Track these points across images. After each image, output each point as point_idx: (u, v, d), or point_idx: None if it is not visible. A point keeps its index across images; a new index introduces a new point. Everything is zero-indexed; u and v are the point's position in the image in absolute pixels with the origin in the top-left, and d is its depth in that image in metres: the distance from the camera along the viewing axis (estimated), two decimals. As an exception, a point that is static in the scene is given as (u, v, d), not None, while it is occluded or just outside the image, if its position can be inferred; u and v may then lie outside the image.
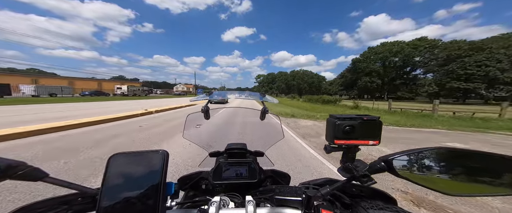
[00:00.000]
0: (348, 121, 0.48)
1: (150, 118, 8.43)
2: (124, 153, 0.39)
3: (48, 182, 0.39)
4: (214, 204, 0.47)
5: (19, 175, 0.37)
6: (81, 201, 0.51)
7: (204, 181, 0.76)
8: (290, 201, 0.53)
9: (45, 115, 8.47)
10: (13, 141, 4.29)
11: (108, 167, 0.37)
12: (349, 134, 0.47)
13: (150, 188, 0.35)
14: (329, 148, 0.52)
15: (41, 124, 5.63)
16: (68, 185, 0.41)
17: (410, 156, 0.39)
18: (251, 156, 0.83)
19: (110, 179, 0.36)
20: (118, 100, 24.54)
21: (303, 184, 0.70)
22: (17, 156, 3.39)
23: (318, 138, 5.54)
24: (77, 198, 0.51)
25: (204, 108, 0.85)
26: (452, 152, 0.38)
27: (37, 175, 0.38)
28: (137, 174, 0.36)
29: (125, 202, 0.34)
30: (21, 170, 0.37)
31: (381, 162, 0.40)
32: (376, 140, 0.48)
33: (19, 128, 4.92)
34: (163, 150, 0.39)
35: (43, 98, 25.11)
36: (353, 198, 0.56)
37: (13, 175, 0.36)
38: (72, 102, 17.19)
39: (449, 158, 0.38)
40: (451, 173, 0.37)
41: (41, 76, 46.67)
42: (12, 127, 5.01)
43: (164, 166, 0.38)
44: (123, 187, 0.35)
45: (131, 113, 8.86)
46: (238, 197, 0.62)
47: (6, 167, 0.35)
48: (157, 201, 0.35)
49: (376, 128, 0.48)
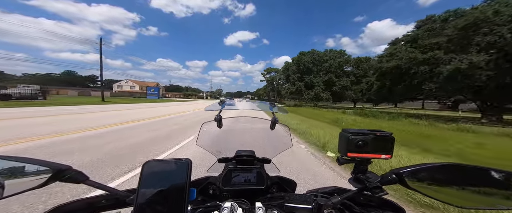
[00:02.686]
0: (361, 136, 0.50)
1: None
2: (155, 160, 0.42)
3: (88, 184, 0.43)
4: (225, 210, 0.49)
5: (67, 178, 0.41)
6: (107, 202, 0.55)
7: (212, 186, 0.78)
8: (300, 209, 0.55)
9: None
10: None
11: (143, 172, 0.40)
12: (361, 148, 0.50)
13: (177, 193, 0.38)
14: (342, 160, 0.55)
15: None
16: (103, 187, 0.45)
17: (420, 170, 0.42)
18: (259, 163, 0.85)
19: (144, 183, 0.39)
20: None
21: (310, 192, 0.71)
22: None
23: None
24: (104, 200, 0.55)
25: (217, 117, 0.89)
26: (461, 167, 0.41)
27: (80, 178, 0.42)
28: (166, 180, 0.40)
29: (156, 205, 0.37)
30: (68, 174, 0.41)
31: (393, 174, 0.43)
32: (388, 154, 0.51)
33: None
34: (187, 159, 0.42)
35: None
36: (363, 207, 0.58)
37: (62, 178, 0.40)
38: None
39: (457, 172, 0.41)
40: (459, 187, 0.40)
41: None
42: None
43: (188, 173, 0.41)
44: (155, 191, 0.38)
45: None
46: (246, 203, 0.63)
47: (57, 171, 0.40)
48: (183, 205, 0.38)
49: (389, 143, 0.51)
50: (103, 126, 7.05)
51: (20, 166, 0.39)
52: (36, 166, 0.40)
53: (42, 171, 0.40)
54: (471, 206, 0.39)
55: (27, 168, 0.39)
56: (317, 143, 5.71)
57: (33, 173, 0.39)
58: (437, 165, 0.41)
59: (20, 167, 0.39)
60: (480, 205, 0.39)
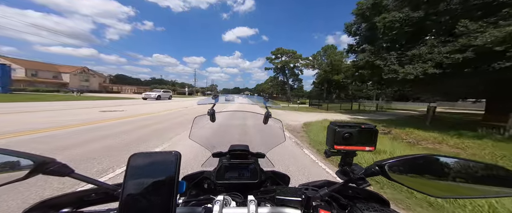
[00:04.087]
0: (347, 128, 0.52)
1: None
2: (142, 153, 0.41)
3: (74, 178, 0.42)
4: (217, 203, 0.49)
5: (50, 170, 0.40)
6: (97, 196, 0.54)
7: (207, 181, 0.78)
8: (290, 201, 0.56)
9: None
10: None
11: (129, 165, 0.39)
12: (347, 140, 0.52)
13: (165, 186, 0.38)
14: (329, 153, 0.56)
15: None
16: (90, 180, 0.44)
17: (402, 162, 0.43)
18: (253, 157, 0.86)
19: (130, 176, 0.38)
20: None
21: (302, 185, 0.73)
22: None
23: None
24: (94, 193, 0.54)
25: (210, 111, 0.89)
26: (440, 158, 0.43)
27: (64, 171, 0.41)
28: (153, 173, 0.39)
29: (143, 198, 0.37)
30: (52, 166, 0.40)
31: (376, 166, 0.45)
32: (372, 146, 0.53)
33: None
34: (176, 151, 0.42)
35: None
36: (350, 200, 0.60)
37: (46, 170, 0.40)
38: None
39: (436, 164, 0.43)
40: (438, 178, 0.42)
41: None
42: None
43: (177, 166, 0.40)
44: (142, 184, 0.38)
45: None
46: (239, 196, 0.64)
47: (40, 163, 0.39)
48: (171, 198, 0.38)
49: (373, 136, 0.53)
50: None
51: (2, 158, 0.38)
52: (18, 158, 0.39)
53: (23, 164, 0.38)
54: (448, 196, 0.42)
55: (8, 160, 0.38)
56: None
57: (14, 166, 0.38)
58: (416, 157, 0.43)
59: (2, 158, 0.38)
60: (457, 195, 0.41)
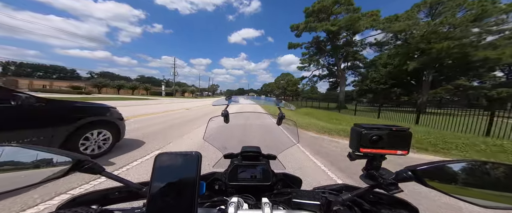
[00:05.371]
0: (375, 131, 0.48)
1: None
2: (166, 153, 0.43)
3: (104, 176, 0.45)
4: (232, 205, 0.49)
5: (85, 168, 0.43)
6: (120, 195, 0.57)
7: (218, 182, 0.78)
8: (308, 205, 0.54)
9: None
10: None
11: (155, 165, 0.41)
12: (376, 143, 0.48)
13: (188, 187, 0.39)
14: (353, 156, 0.53)
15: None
16: (117, 179, 0.47)
17: (441, 167, 0.40)
18: (264, 159, 0.85)
19: (157, 176, 0.40)
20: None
21: (317, 188, 0.71)
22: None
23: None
24: (118, 191, 0.57)
25: (224, 112, 0.90)
26: (490, 164, 0.38)
27: (98, 169, 0.44)
28: (177, 173, 0.40)
29: (168, 198, 0.38)
30: (87, 164, 0.43)
31: (408, 171, 0.41)
32: (404, 150, 0.48)
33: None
34: (197, 152, 0.43)
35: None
36: (373, 205, 0.56)
37: (82, 168, 0.43)
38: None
39: (486, 170, 0.38)
40: (484, 186, 0.37)
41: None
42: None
43: (198, 167, 0.41)
44: (167, 184, 0.39)
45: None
46: (252, 198, 0.63)
47: (77, 161, 0.42)
48: (193, 199, 0.38)
49: (406, 139, 0.49)
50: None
51: (43, 156, 0.42)
52: (58, 156, 0.42)
53: (64, 162, 0.42)
54: (498, 207, 0.37)
55: (51, 158, 0.42)
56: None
57: (56, 163, 0.42)
58: (458, 162, 0.39)
59: (44, 158, 0.41)
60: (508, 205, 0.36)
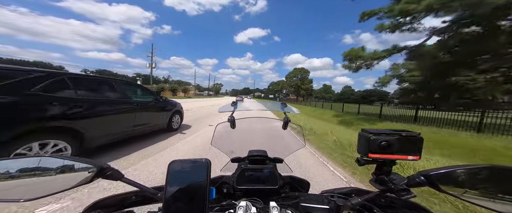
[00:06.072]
0: (384, 136, 0.48)
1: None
2: (179, 160, 0.45)
3: (123, 181, 0.48)
4: (241, 209, 0.50)
5: (107, 175, 0.47)
6: (136, 199, 0.61)
7: (226, 186, 0.79)
8: (316, 209, 0.53)
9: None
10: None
11: (169, 171, 0.43)
12: (385, 149, 0.47)
13: (199, 192, 0.41)
14: (362, 161, 0.52)
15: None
16: (135, 184, 0.50)
17: (454, 172, 0.38)
18: (271, 162, 0.86)
19: (171, 182, 0.42)
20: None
21: (326, 192, 0.70)
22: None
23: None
24: (135, 195, 0.61)
25: (231, 118, 0.92)
26: (506, 170, 0.36)
27: (118, 175, 0.48)
28: (189, 179, 0.42)
29: (181, 203, 0.40)
30: (109, 171, 0.47)
31: (421, 176, 0.40)
32: (416, 155, 0.47)
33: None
34: (207, 159, 0.45)
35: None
36: (384, 210, 0.55)
37: (104, 175, 0.46)
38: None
39: (502, 176, 0.37)
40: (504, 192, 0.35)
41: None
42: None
43: (208, 173, 0.43)
44: (180, 189, 0.41)
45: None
46: (259, 202, 0.64)
47: (100, 169, 0.46)
48: (204, 203, 0.40)
49: (417, 144, 0.47)
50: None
51: (71, 164, 0.46)
52: (83, 164, 0.46)
53: (88, 169, 0.46)
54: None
55: (77, 166, 0.46)
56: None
57: (81, 170, 0.46)
58: (476, 167, 0.37)
59: (71, 165, 0.46)
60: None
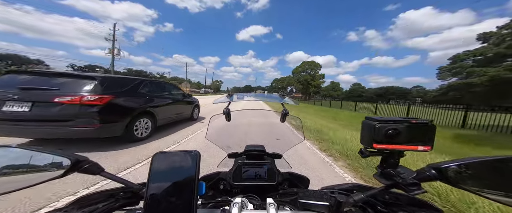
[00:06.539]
0: (391, 124, 0.43)
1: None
2: (164, 152, 0.41)
3: (103, 176, 0.44)
4: (236, 205, 0.47)
5: (84, 169, 0.42)
6: (125, 195, 0.56)
7: (223, 182, 0.77)
8: (315, 205, 0.50)
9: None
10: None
11: (152, 165, 0.39)
12: (392, 138, 0.43)
13: (186, 187, 0.37)
14: (366, 152, 0.48)
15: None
16: (117, 179, 0.46)
17: (469, 165, 0.34)
18: (269, 158, 0.83)
19: (154, 177, 0.38)
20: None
21: (326, 188, 0.67)
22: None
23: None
24: (122, 192, 0.56)
25: (226, 110, 0.88)
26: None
27: (96, 169, 0.43)
28: (175, 173, 0.38)
29: (166, 199, 0.36)
30: (86, 165, 0.42)
31: (431, 169, 0.36)
32: (427, 145, 0.43)
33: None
34: (196, 151, 0.41)
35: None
36: (389, 207, 0.51)
37: (80, 168, 0.42)
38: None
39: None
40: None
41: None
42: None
43: (197, 166, 0.39)
44: (165, 185, 0.37)
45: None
46: (257, 199, 0.61)
47: (75, 162, 0.41)
48: (192, 200, 0.36)
49: (428, 133, 0.43)
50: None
51: (41, 157, 0.41)
52: (56, 157, 0.41)
53: (61, 163, 0.41)
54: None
55: (48, 159, 0.41)
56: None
57: (53, 164, 0.41)
58: (492, 159, 0.33)
59: (41, 158, 0.41)
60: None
